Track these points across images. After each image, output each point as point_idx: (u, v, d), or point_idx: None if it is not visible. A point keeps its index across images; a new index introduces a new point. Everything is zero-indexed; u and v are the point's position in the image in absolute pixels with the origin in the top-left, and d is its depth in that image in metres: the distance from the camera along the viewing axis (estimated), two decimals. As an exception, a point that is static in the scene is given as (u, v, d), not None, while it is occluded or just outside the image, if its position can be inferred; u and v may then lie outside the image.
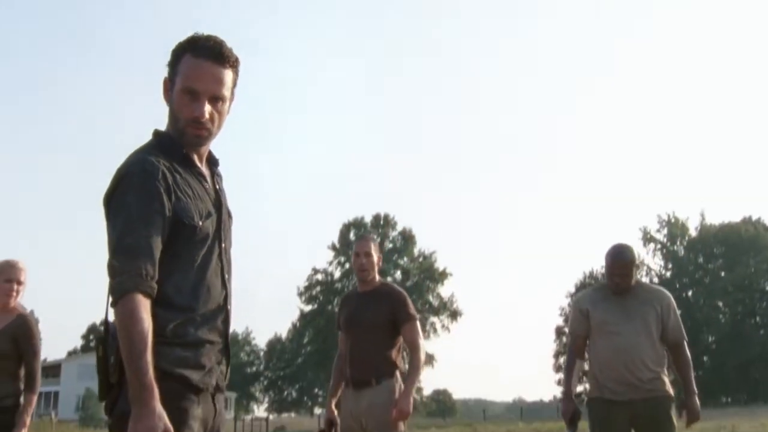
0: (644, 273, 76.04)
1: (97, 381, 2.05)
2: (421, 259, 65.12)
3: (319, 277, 64.90)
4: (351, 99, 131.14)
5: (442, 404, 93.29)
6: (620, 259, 4.37)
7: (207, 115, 2.12)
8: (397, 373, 4.33)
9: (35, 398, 4.22)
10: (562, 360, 68.75)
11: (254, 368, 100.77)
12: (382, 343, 4.29)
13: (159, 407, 1.84)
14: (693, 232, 78.69)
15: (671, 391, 4.34)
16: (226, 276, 2.22)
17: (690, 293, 76.81)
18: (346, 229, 65.89)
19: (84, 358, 78.17)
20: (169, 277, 2.02)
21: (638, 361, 4.23)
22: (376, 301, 4.39)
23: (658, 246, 78.18)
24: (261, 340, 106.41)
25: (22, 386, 4.19)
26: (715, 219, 79.46)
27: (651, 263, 77.95)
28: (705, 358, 75.22)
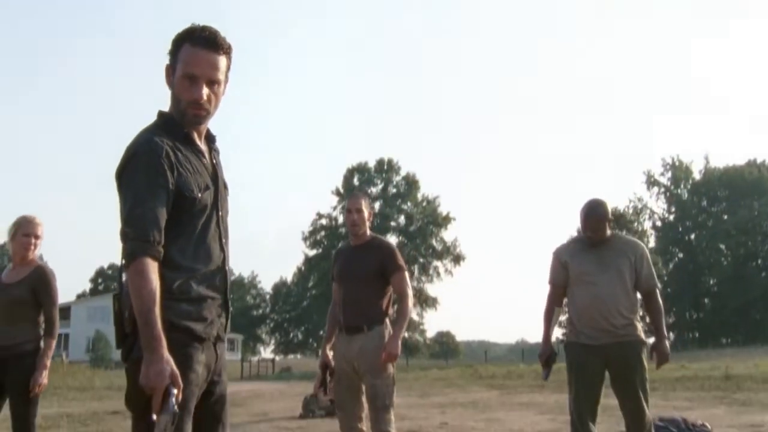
0: (647, 216, 76.38)
1: (114, 331, 2.35)
2: (424, 204, 65.29)
3: (324, 222, 65.25)
4: (354, 42, 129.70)
5: (445, 346, 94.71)
6: (593, 214, 4.60)
7: (205, 97, 2.35)
8: (387, 320, 4.60)
9: (54, 343, 4.51)
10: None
11: (260, 311, 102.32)
12: (372, 292, 4.55)
13: (166, 354, 2.12)
14: (697, 176, 78.71)
15: (643, 335, 4.61)
16: (224, 240, 2.48)
17: (693, 236, 77.24)
18: (350, 174, 66.01)
19: (93, 301, 79.37)
20: (174, 242, 2.29)
21: (613, 308, 4.50)
22: (366, 254, 4.63)
23: (662, 189, 78.30)
24: (267, 284, 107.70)
25: (41, 332, 4.51)
26: (719, 162, 79.41)
27: (654, 207, 78.23)
28: (706, 300, 76.14)
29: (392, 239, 62.72)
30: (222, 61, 2.39)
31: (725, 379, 18.25)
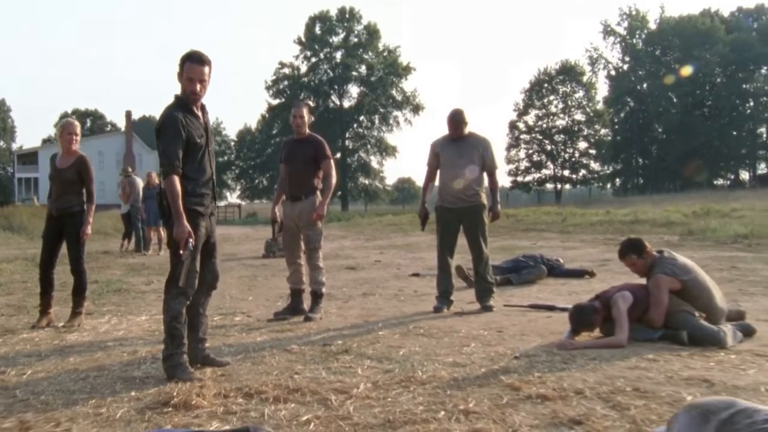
0: (602, 67, 78.06)
1: (158, 212, 4.56)
2: (385, 54, 66.09)
3: (286, 71, 65.93)
4: None
5: (405, 191, 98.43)
6: (454, 119, 6.71)
7: (198, 89, 4.42)
8: (318, 192, 6.78)
9: (93, 206, 6.62)
10: (513, 152, 72.52)
11: (225, 158, 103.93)
12: (308, 172, 6.63)
13: (185, 222, 4.29)
14: (653, 25, 79.71)
15: (484, 201, 6.90)
16: (212, 162, 4.62)
17: (645, 85, 79.32)
18: (311, 22, 66.03)
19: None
20: (187, 165, 4.42)
21: (465, 184, 6.76)
22: (305, 146, 6.71)
23: (618, 39, 79.47)
24: (231, 131, 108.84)
25: (84, 199, 6.61)
26: (675, 11, 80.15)
27: (609, 56, 79.74)
28: (653, 148, 79.55)
29: (353, 89, 64.06)
30: (206, 69, 4.42)
31: (631, 223, 21.08)
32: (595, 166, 74.12)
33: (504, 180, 75.94)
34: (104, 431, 3.46)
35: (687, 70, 68.67)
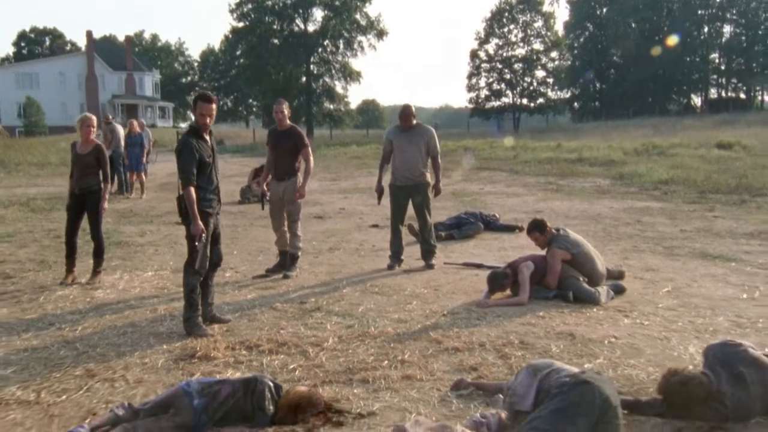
0: (563, -9, 78.09)
1: (178, 211, 6.04)
2: (349, -23, 65.63)
3: (250, -7, 65.18)
4: None
5: (369, 113, 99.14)
6: (403, 113, 8.17)
7: (207, 121, 5.87)
8: (299, 174, 8.22)
9: (108, 186, 8.08)
10: (474, 80, 73.60)
11: (189, 79, 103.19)
12: (290, 157, 8.02)
13: (200, 222, 5.82)
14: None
15: (429, 179, 8.43)
16: (217, 174, 6.08)
17: (605, 10, 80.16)
18: (276, -56, 65.05)
19: (21, 67, 78.59)
20: (199, 178, 5.88)
21: (413, 166, 8.21)
22: (287, 136, 8.09)
23: (580, -37, 79.65)
24: (194, 52, 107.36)
25: (101, 179, 8.00)
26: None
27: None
28: (611, 72, 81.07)
29: (317, 13, 63.99)
30: (213, 106, 5.86)
31: (575, 162, 22.83)
32: (551, 94, 75.67)
33: (465, 105, 77.64)
34: (152, 377, 5.02)
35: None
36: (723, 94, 79.95)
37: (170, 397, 4.10)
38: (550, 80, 74.54)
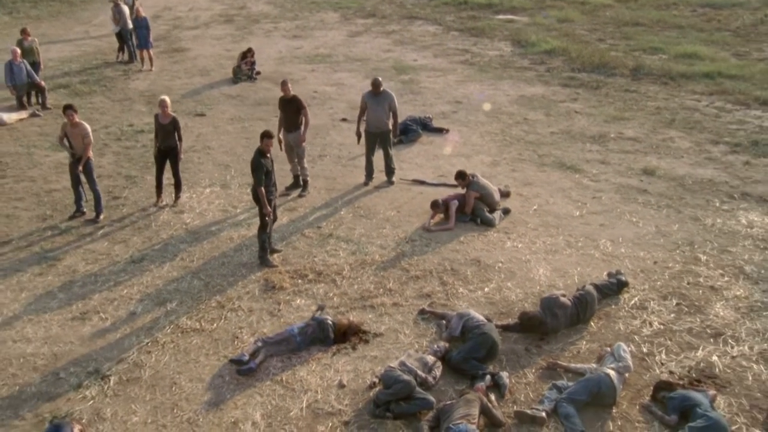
0: None
1: (252, 197, 8.73)
2: None
3: None
4: None
5: None
6: (374, 84, 10.64)
7: (270, 149, 8.53)
8: (302, 127, 10.66)
9: (182, 144, 10.45)
10: None
11: None
12: (294, 116, 10.60)
13: (267, 206, 8.65)
14: None
15: (391, 128, 10.98)
16: (274, 177, 8.83)
17: None
18: None
19: None
20: (266, 180, 8.55)
21: (380, 120, 10.80)
22: (292, 103, 10.55)
23: None
24: None
25: (177, 138, 10.29)
26: None
27: None
28: None
29: None
30: (273, 140, 8.62)
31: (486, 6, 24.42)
32: None
33: None
34: (257, 305, 8.05)
35: None
36: None
37: (285, 336, 7.20)
38: None
